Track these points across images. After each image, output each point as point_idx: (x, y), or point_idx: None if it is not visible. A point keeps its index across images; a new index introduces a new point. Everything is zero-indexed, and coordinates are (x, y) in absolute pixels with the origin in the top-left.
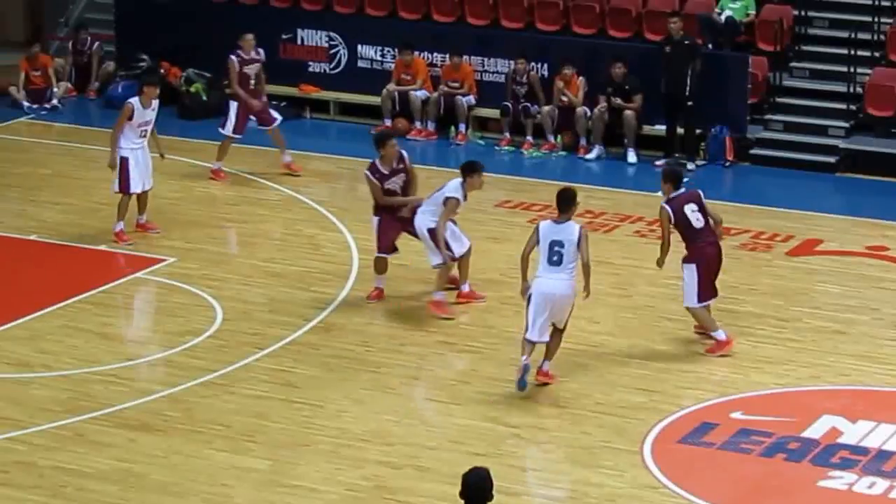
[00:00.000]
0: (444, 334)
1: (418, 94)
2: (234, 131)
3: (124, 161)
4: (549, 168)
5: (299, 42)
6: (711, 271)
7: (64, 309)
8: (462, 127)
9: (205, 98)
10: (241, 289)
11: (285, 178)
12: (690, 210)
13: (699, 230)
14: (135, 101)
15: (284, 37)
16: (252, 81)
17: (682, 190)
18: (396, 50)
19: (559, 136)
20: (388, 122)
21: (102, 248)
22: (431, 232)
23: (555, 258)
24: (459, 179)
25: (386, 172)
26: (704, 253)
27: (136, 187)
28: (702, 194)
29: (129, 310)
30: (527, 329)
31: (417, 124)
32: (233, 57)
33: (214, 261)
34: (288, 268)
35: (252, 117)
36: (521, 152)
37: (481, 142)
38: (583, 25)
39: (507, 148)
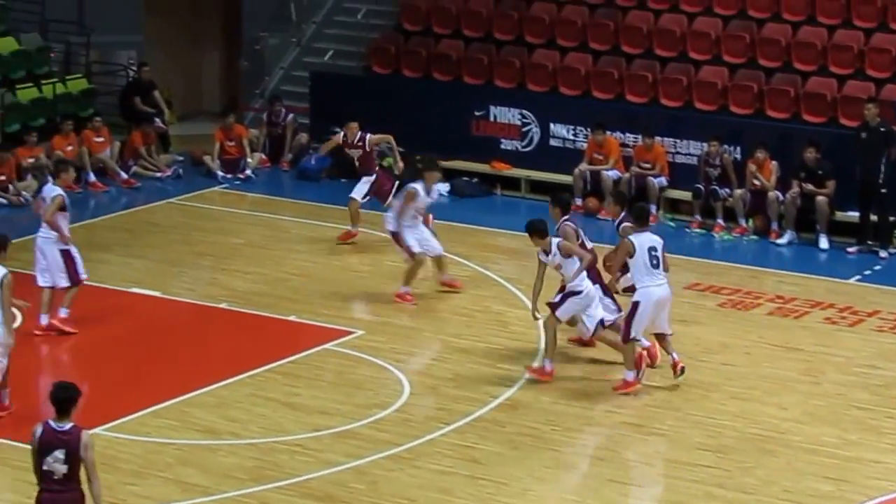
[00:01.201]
0: (630, 415)
1: (610, 174)
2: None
3: (396, 234)
4: (739, 252)
5: (492, 119)
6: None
7: (252, 378)
8: (653, 208)
9: (396, 172)
10: (428, 364)
11: (474, 254)
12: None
13: None
14: (419, 186)
15: (477, 113)
16: (357, 163)
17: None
18: (589, 129)
19: (751, 220)
20: (579, 202)
21: (292, 318)
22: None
23: (654, 262)
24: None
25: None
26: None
27: (417, 248)
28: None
29: (316, 381)
30: (637, 338)
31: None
32: (339, 131)
33: (402, 335)
34: (475, 344)
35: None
36: (712, 235)
37: (672, 224)
38: (777, 109)
39: (697, 230)
